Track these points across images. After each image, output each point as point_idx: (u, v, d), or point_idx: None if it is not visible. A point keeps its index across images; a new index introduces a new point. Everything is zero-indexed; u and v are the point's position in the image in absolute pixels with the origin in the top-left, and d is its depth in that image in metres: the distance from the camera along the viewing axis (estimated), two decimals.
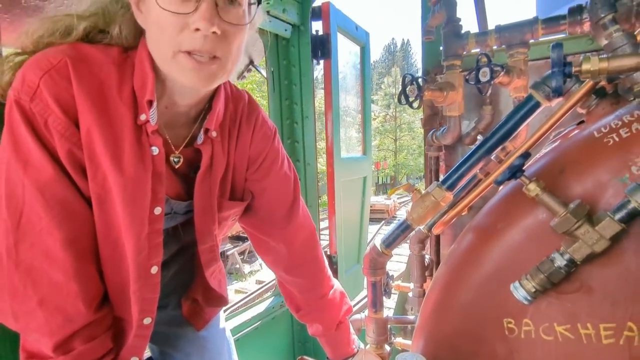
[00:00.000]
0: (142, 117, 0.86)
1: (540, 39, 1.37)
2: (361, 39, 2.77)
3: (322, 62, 2.30)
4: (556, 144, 1.05)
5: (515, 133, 1.10)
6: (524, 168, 0.83)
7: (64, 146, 0.80)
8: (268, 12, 1.97)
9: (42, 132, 0.78)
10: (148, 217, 0.88)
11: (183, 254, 1.17)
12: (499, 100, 1.69)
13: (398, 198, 21.42)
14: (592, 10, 0.85)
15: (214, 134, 0.97)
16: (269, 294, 2.59)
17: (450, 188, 1.20)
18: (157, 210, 0.90)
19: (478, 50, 1.47)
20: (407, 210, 1.29)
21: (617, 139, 0.80)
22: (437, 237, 1.74)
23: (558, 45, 0.60)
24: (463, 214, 1.31)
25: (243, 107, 1.07)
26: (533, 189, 0.74)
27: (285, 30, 2.14)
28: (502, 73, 1.23)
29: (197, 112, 0.97)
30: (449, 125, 1.53)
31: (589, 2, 0.86)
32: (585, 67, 0.60)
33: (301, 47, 2.21)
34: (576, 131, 1.01)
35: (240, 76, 2.78)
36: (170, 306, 1.23)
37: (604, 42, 0.87)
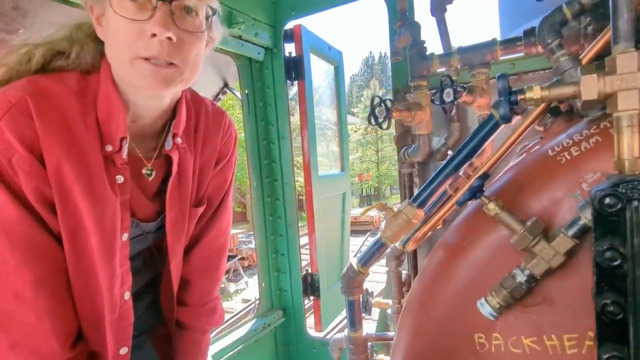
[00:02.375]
0: (108, 148, 0.87)
1: (502, 58, 1.44)
2: (335, 58, 2.83)
3: (296, 82, 2.34)
4: (521, 157, 1.10)
5: (480, 150, 1.15)
6: (485, 187, 0.87)
7: (30, 184, 0.79)
8: (240, 37, 2.00)
9: (6, 171, 0.78)
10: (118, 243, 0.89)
11: (157, 283, 1.16)
12: (467, 117, 1.75)
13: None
14: (540, 36, 0.90)
15: (179, 140, 0.99)
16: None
17: (421, 205, 1.23)
18: (125, 237, 0.92)
19: (444, 69, 1.53)
20: (381, 229, 1.32)
21: (568, 157, 0.84)
22: (415, 253, 1.77)
23: (502, 75, 0.64)
24: (438, 227, 1.35)
25: (206, 111, 1.10)
26: (492, 208, 0.78)
27: (258, 53, 2.17)
28: (465, 93, 1.28)
29: (164, 123, 0.99)
30: (419, 144, 1.57)
31: (538, 28, 0.92)
32: (529, 95, 0.64)
33: (275, 69, 2.24)
34: (538, 146, 1.06)
35: (216, 98, 2.80)
36: (146, 344, 1.20)
37: (554, 65, 0.92)
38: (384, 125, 1.35)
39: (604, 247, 0.54)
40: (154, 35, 0.78)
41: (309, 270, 2.39)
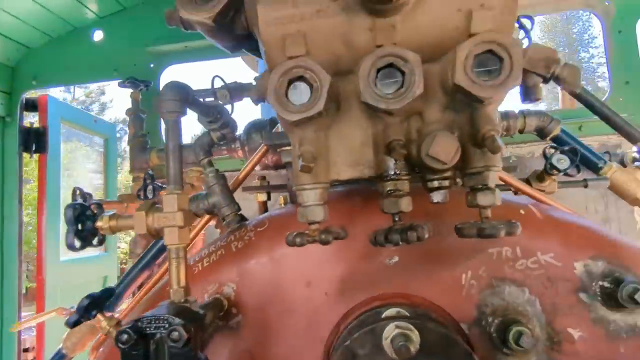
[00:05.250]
0: None
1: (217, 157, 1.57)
2: (104, 131, 2.67)
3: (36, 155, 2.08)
4: None
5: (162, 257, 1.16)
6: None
7: None
8: None
9: None
10: None
11: None
12: None
13: None
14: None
15: None
16: None
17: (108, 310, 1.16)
18: None
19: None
20: (63, 338, 1.18)
21: (200, 268, 0.92)
22: None
23: (70, 205, 0.66)
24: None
25: None
26: (104, 327, 0.76)
27: None
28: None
29: None
30: (135, 237, 1.53)
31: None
32: (100, 224, 0.67)
33: (6, 140, 1.95)
34: None
35: None
36: None
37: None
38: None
39: None
40: None
41: None
